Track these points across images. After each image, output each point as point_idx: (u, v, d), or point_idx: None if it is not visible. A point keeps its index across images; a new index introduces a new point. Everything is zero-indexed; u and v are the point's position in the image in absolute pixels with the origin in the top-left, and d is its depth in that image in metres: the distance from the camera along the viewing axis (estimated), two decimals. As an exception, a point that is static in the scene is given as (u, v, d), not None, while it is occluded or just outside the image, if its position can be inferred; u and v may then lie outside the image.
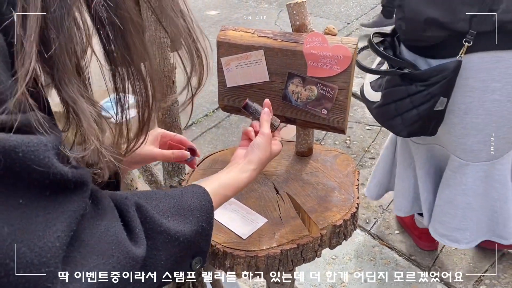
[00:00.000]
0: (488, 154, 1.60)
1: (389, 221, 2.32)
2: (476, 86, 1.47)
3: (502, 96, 1.47)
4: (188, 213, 0.69)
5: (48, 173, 0.46)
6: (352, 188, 1.07)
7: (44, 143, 0.46)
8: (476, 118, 1.52)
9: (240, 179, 0.84)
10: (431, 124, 1.56)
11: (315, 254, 0.97)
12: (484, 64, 1.44)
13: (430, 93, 1.47)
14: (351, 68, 1.00)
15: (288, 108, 1.09)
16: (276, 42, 1.06)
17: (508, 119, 1.52)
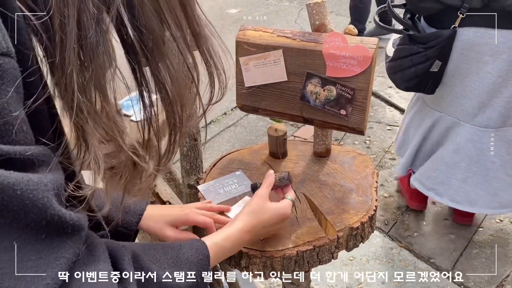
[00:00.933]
0: (482, 119, 1.81)
1: (408, 223, 2.29)
2: (472, 56, 1.69)
3: (493, 69, 1.68)
4: (184, 266, 0.69)
5: (45, 214, 0.44)
6: (370, 190, 1.06)
7: (45, 182, 0.44)
8: (474, 83, 1.74)
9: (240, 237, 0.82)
10: (427, 84, 1.80)
11: (331, 256, 0.96)
12: (477, 38, 1.66)
13: (427, 55, 1.72)
14: (371, 68, 0.99)
15: (306, 108, 1.08)
16: (295, 42, 1.06)
17: (499, 91, 1.72)
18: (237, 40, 1.12)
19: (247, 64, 1.12)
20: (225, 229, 0.82)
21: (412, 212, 2.34)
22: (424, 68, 1.74)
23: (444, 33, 1.68)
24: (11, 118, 0.43)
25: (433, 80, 1.79)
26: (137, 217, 0.88)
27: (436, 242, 2.18)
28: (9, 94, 0.42)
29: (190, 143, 1.31)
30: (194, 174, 1.36)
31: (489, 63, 1.67)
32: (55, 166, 0.48)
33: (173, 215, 0.92)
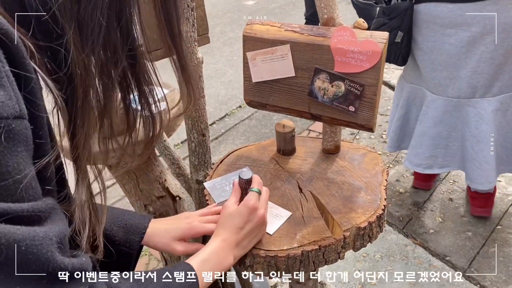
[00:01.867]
0: (454, 90, 1.93)
1: (423, 220, 2.25)
2: (436, 29, 1.83)
3: (456, 41, 1.80)
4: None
5: (47, 267, 0.47)
6: (379, 189, 1.03)
7: (50, 236, 0.47)
8: (441, 55, 1.87)
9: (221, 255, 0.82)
10: (395, 54, 1.96)
11: (338, 256, 0.94)
12: (438, 11, 1.79)
13: (391, 25, 1.89)
14: (380, 64, 0.96)
15: (314, 105, 1.06)
16: (303, 37, 1.03)
17: (465, 62, 1.83)
18: (244, 35, 1.09)
19: (254, 59, 1.10)
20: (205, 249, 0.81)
21: (427, 209, 2.30)
22: (389, 39, 1.89)
23: (402, 6, 1.86)
24: (21, 177, 0.45)
25: (400, 52, 1.95)
26: (139, 235, 0.87)
27: (452, 240, 2.13)
28: (20, 154, 0.45)
29: (198, 139, 1.30)
30: (203, 169, 1.35)
31: (451, 35, 1.80)
32: (60, 215, 0.51)
33: (180, 229, 0.90)
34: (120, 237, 0.85)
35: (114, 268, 0.84)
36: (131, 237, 0.86)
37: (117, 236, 0.85)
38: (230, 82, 3.90)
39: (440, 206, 2.31)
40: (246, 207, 0.87)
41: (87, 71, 0.52)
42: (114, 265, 0.85)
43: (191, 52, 1.17)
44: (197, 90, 0.67)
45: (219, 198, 1.04)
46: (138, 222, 0.89)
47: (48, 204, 0.49)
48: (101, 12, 0.50)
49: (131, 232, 0.87)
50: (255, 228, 0.88)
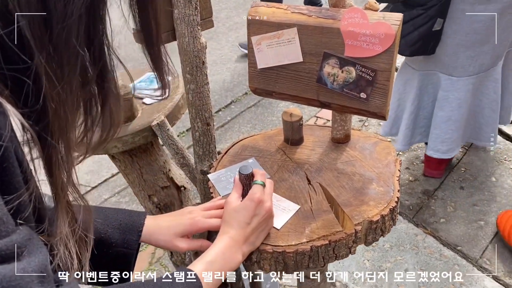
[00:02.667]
0: (475, 67, 1.93)
1: (434, 208, 2.20)
2: (466, 9, 1.79)
3: (485, 17, 1.79)
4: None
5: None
6: (392, 180, 0.98)
7: (29, 272, 0.43)
8: (466, 35, 1.85)
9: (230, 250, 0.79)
10: (430, 44, 1.89)
11: (348, 251, 0.90)
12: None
13: (429, 15, 1.82)
14: (394, 47, 0.90)
15: (323, 92, 1.00)
16: (311, 19, 0.97)
17: (490, 36, 1.84)
18: (248, 18, 1.04)
19: (260, 44, 1.04)
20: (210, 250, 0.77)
21: (438, 197, 2.24)
22: (427, 29, 1.84)
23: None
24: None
25: (434, 39, 1.90)
26: (137, 234, 0.83)
27: (463, 229, 2.08)
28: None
29: (203, 128, 1.25)
30: (207, 160, 1.31)
31: (481, 11, 1.77)
32: (37, 244, 0.46)
33: (182, 225, 0.86)
34: (116, 239, 0.81)
35: (113, 269, 0.80)
36: (128, 237, 0.82)
37: (113, 238, 0.81)
38: (236, 68, 3.83)
39: (451, 194, 2.26)
40: (251, 200, 0.82)
41: (64, 105, 0.46)
42: (113, 267, 0.81)
43: (193, 36, 1.12)
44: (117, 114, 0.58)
45: (224, 191, 0.99)
46: (133, 220, 0.84)
47: (24, 236, 0.44)
48: (77, 38, 0.44)
49: (128, 231, 0.83)
50: (262, 222, 0.84)
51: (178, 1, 1.07)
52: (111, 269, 0.81)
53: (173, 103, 1.41)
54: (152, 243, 0.86)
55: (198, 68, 1.16)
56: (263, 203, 0.83)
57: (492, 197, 2.21)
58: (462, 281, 1.86)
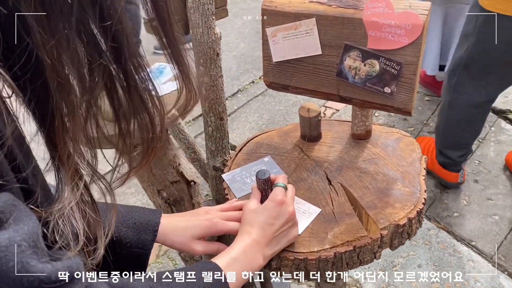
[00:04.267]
0: None
1: (447, 202, 2.14)
2: None
3: None
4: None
5: (22, 280, 0.36)
6: (418, 179, 0.92)
7: (17, 242, 0.36)
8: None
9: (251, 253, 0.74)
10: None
11: (373, 256, 0.85)
12: None
13: None
14: (421, 39, 0.84)
15: (343, 86, 0.95)
16: (331, 9, 0.91)
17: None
18: (263, 8, 0.98)
19: (275, 35, 0.98)
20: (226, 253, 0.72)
21: (451, 191, 2.19)
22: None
23: None
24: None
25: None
26: (152, 234, 0.78)
27: (478, 224, 2.03)
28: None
29: (216, 123, 1.20)
30: (220, 155, 1.25)
31: None
32: (24, 212, 0.39)
33: (199, 227, 0.81)
34: (131, 238, 0.76)
35: (127, 270, 0.75)
36: (143, 237, 0.77)
37: (127, 237, 0.76)
38: (242, 56, 3.75)
39: (465, 188, 2.20)
40: (272, 201, 0.78)
41: (60, 59, 0.40)
42: (127, 269, 0.76)
43: (208, 26, 1.05)
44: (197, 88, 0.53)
45: (240, 192, 0.94)
46: (148, 219, 0.79)
47: (7, 201, 0.38)
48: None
49: (143, 231, 0.77)
50: (284, 225, 0.79)
51: (189, -10, 1.01)
52: (124, 270, 0.76)
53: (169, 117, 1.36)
54: (167, 244, 0.80)
55: (213, 60, 1.10)
56: (286, 205, 0.78)
57: (507, 191, 2.15)
58: (477, 278, 1.81)
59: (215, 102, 1.17)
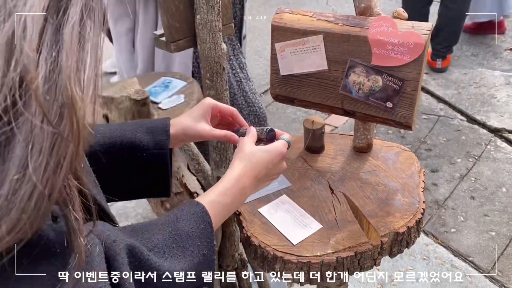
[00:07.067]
0: None
1: (444, 218, 2.18)
2: None
3: None
4: (187, 243, 0.61)
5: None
6: (417, 191, 0.96)
7: None
8: None
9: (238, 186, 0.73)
10: None
11: (373, 262, 0.88)
12: None
13: None
14: (423, 57, 0.89)
15: (347, 100, 0.99)
16: (337, 27, 0.96)
17: None
18: (272, 24, 1.03)
19: (283, 50, 1.03)
20: (219, 183, 0.72)
21: (449, 207, 2.23)
22: None
23: None
24: None
25: None
26: (166, 134, 0.81)
27: (475, 239, 2.06)
28: None
29: (220, 134, 1.24)
30: (224, 166, 1.29)
31: None
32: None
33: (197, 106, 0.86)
34: (147, 141, 0.80)
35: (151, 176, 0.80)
36: (158, 138, 0.81)
37: (143, 140, 0.80)
38: (243, 74, 3.82)
39: (462, 204, 2.24)
40: (275, 152, 0.78)
41: None
42: (151, 174, 0.81)
43: (215, 42, 1.10)
44: None
45: (246, 199, 0.97)
46: (158, 122, 0.83)
47: None
48: None
49: (156, 133, 0.81)
50: (273, 177, 0.81)
51: (201, 7, 1.06)
52: (151, 173, 0.80)
53: (189, 108, 1.40)
54: (180, 137, 0.83)
55: (219, 74, 1.15)
56: (284, 160, 0.81)
57: (503, 207, 2.19)
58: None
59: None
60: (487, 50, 3.48)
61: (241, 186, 0.73)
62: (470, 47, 3.54)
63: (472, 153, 2.54)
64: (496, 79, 3.14)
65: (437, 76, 3.23)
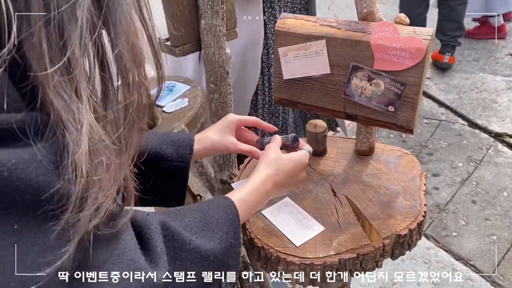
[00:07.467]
0: None
1: (446, 222, 2.19)
2: None
3: None
4: (216, 227, 0.65)
5: (43, 192, 0.39)
6: (418, 194, 0.97)
7: (38, 158, 0.38)
8: None
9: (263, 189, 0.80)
10: None
11: (375, 264, 0.89)
12: None
13: None
14: (424, 62, 0.90)
15: (350, 104, 1.01)
16: (340, 32, 0.98)
17: None
18: (276, 29, 1.04)
19: (287, 55, 1.05)
20: (247, 184, 0.79)
21: (450, 211, 2.23)
22: None
23: None
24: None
25: None
26: (189, 148, 0.87)
27: (476, 243, 2.07)
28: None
29: (224, 137, 1.25)
30: (227, 169, 1.31)
31: None
32: (52, 133, 0.41)
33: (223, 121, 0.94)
34: (171, 153, 0.86)
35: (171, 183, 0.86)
36: (181, 151, 0.86)
37: (168, 153, 0.85)
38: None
39: (463, 208, 2.25)
40: (297, 161, 0.86)
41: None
42: (171, 182, 0.86)
43: (219, 47, 1.12)
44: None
45: (250, 201, 0.99)
46: (184, 137, 0.89)
47: (34, 117, 0.39)
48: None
49: (181, 146, 0.87)
50: (293, 185, 0.88)
51: (206, 12, 1.08)
52: (169, 183, 0.86)
53: (193, 111, 1.41)
54: (208, 148, 0.90)
55: (223, 78, 1.17)
56: (305, 170, 0.89)
57: (504, 212, 2.20)
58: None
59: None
60: (489, 55, 3.50)
61: (265, 189, 0.79)
62: (472, 52, 3.56)
63: (474, 157, 2.55)
64: (497, 84, 3.16)
65: (438, 80, 3.24)
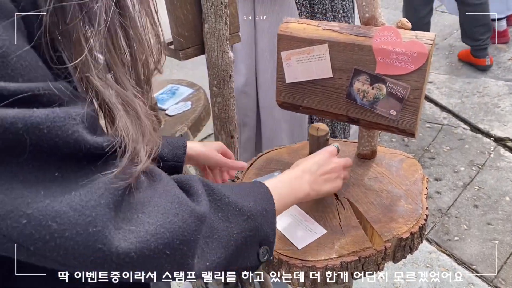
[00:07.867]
0: None
1: (448, 226, 2.19)
2: None
3: None
4: (251, 194, 0.68)
5: (80, 147, 0.43)
6: (420, 197, 0.98)
7: (73, 116, 0.43)
8: None
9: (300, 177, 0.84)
10: None
11: (377, 267, 0.90)
12: None
13: None
14: (426, 66, 0.91)
15: (352, 107, 1.01)
16: (342, 36, 0.98)
17: None
18: (279, 33, 1.05)
19: (289, 59, 1.06)
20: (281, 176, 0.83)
21: (452, 215, 2.23)
22: None
23: None
24: (23, 52, 0.41)
25: None
26: (183, 149, 0.92)
27: (478, 248, 2.07)
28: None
29: (227, 141, 1.26)
30: (229, 171, 1.31)
31: None
32: (82, 100, 0.46)
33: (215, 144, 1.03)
34: (167, 153, 0.90)
35: None
36: (176, 152, 0.92)
37: (163, 152, 0.90)
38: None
39: (465, 212, 2.25)
40: (324, 151, 0.91)
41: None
42: None
43: (222, 50, 1.13)
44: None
45: (252, 204, 0.99)
46: (177, 139, 0.95)
47: (66, 87, 0.44)
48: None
49: (175, 147, 0.92)
50: (330, 172, 0.88)
51: (209, 16, 1.09)
52: None
53: (196, 115, 1.42)
54: (196, 153, 0.96)
55: (225, 82, 1.18)
56: (335, 158, 0.92)
57: (507, 216, 2.20)
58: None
59: (227, 121, 1.23)
60: (491, 60, 3.50)
61: (295, 173, 0.83)
62: (474, 57, 3.56)
63: (476, 161, 2.55)
64: (499, 89, 3.16)
65: (440, 85, 3.25)
